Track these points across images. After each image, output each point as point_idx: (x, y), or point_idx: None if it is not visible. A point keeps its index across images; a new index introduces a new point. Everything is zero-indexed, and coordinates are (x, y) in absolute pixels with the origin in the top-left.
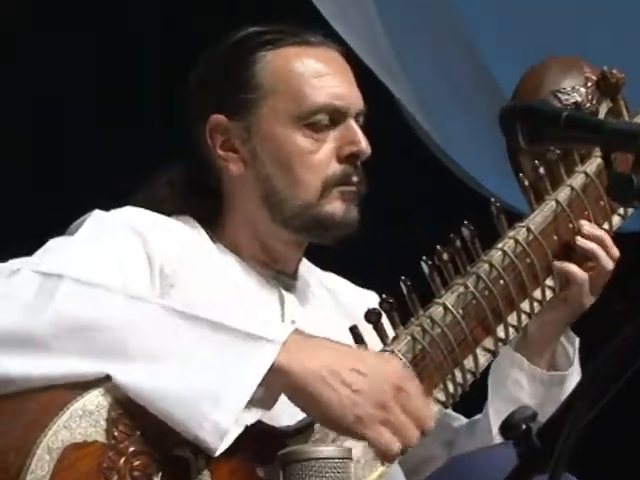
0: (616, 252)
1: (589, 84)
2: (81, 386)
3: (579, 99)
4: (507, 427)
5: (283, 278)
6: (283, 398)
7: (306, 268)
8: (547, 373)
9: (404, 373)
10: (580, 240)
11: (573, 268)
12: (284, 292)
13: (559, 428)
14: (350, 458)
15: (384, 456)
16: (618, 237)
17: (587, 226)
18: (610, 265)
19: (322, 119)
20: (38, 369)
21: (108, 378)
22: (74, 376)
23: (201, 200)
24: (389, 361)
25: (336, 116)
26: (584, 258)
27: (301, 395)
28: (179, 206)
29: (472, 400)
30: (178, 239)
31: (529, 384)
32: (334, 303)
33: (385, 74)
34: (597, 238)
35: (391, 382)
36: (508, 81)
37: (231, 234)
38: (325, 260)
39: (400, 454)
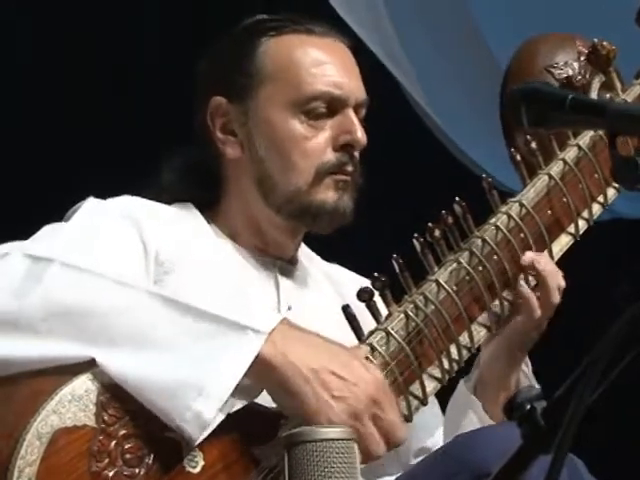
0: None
1: (582, 58)
2: (70, 371)
3: (571, 73)
4: (511, 407)
5: (280, 263)
6: None
7: (307, 256)
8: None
9: (384, 385)
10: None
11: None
12: (280, 277)
13: (564, 409)
14: (355, 440)
15: None
16: (622, 222)
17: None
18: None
19: (319, 107)
20: (25, 352)
21: (96, 363)
22: (61, 359)
23: (203, 187)
24: (372, 371)
25: (334, 105)
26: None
27: (280, 388)
28: (182, 193)
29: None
30: (174, 227)
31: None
32: (334, 291)
33: (385, 55)
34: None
35: (369, 393)
36: (505, 57)
37: (228, 219)
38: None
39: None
